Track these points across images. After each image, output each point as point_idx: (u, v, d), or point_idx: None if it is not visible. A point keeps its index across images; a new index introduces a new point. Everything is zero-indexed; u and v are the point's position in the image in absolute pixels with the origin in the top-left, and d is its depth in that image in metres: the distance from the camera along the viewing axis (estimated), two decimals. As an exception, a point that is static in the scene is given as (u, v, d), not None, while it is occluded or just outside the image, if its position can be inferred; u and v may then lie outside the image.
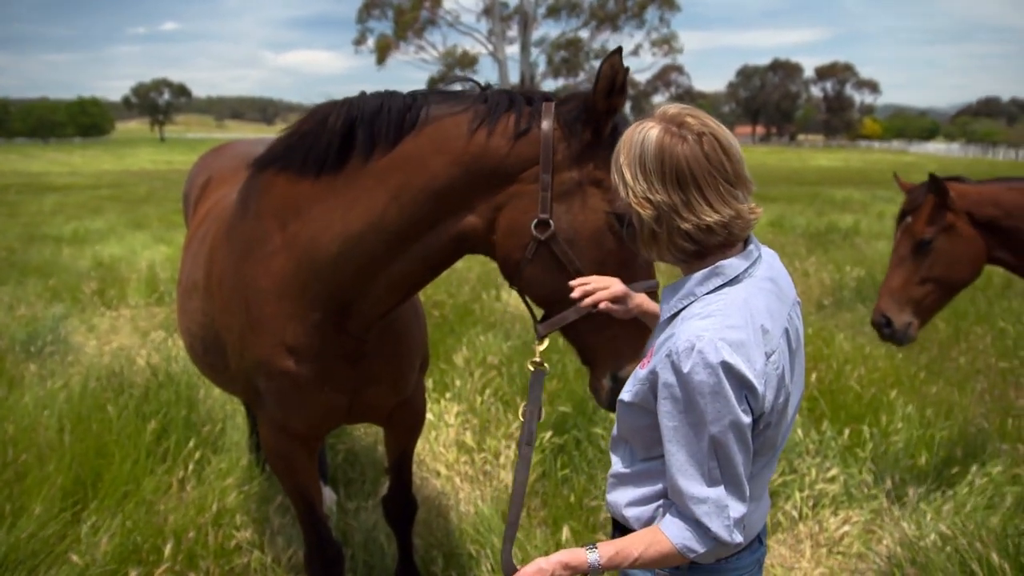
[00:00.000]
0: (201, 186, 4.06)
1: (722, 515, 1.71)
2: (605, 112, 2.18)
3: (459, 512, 4.32)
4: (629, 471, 1.93)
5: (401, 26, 46.58)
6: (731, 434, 1.68)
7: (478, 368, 6.27)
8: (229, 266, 2.77)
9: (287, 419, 2.82)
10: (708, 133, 1.74)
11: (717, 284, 1.79)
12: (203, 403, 5.37)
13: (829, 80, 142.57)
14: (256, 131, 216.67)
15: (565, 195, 2.23)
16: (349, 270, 2.48)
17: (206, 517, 3.95)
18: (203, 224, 3.45)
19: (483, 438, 5.17)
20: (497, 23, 45.79)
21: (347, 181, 2.45)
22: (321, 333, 2.62)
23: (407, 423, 3.28)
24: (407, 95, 2.42)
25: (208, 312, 3.00)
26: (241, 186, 2.93)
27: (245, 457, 4.81)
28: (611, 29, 49.82)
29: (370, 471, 4.77)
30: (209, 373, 3.36)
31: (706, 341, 1.66)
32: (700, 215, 1.73)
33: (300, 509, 3.07)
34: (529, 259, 2.25)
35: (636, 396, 1.84)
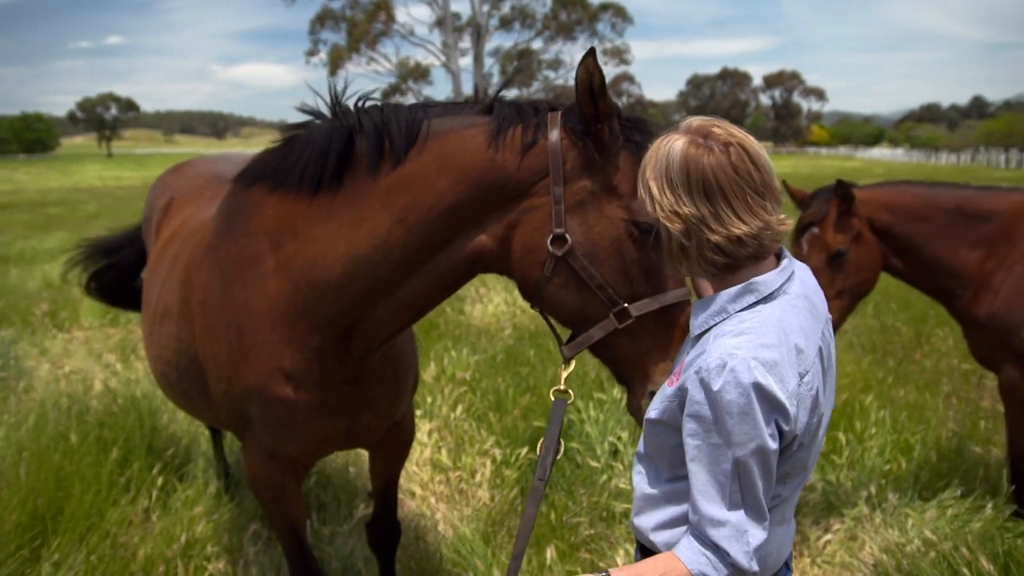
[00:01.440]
0: (163, 208, 3.90)
1: (741, 540, 1.64)
2: (595, 117, 2.09)
3: (437, 534, 4.21)
4: (655, 492, 1.88)
5: (354, 37, 46.27)
6: (755, 459, 1.62)
7: (448, 384, 6.18)
8: (214, 288, 2.63)
9: (282, 447, 2.69)
10: (735, 143, 1.69)
11: (751, 301, 1.74)
12: (166, 429, 5.19)
13: (777, 88, 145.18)
14: (207, 145, 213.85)
15: (579, 206, 2.13)
16: (353, 293, 2.37)
17: (175, 549, 3.80)
18: (170, 246, 3.30)
19: (458, 456, 5.07)
20: (450, 34, 45.71)
21: (348, 200, 2.33)
22: (321, 358, 2.51)
23: (397, 446, 3.18)
24: (408, 108, 2.32)
25: (184, 338, 2.86)
26: (222, 204, 2.79)
27: (212, 484, 4.65)
28: (564, 40, 50.07)
29: (343, 494, 4.64)
30: (182, 401, 3.21)
31: (739, 360, 1.61)
32: (729, 227, 1.68)
33: (288, 540, 2.94)
34: (548, 277, 2.14)
35: (663, 414, 1.79)
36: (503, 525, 4.27)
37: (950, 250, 3.94)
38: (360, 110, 2.37)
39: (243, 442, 2.81)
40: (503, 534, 4.17)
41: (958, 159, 69.16)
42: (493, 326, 8.49)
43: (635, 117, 2.20)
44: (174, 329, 2.94)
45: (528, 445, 5.03)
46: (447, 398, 5.85)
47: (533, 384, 6.25)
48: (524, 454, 4.90)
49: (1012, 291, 3.78)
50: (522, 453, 4.91)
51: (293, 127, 2.49)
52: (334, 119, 2.39)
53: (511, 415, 5.60)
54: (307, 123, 2.47)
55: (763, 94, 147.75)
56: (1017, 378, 3.82)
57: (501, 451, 5.01)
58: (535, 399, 5.83)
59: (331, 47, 47.88)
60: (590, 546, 3.99)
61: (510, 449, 5.01)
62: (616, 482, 4.56)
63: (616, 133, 2.13)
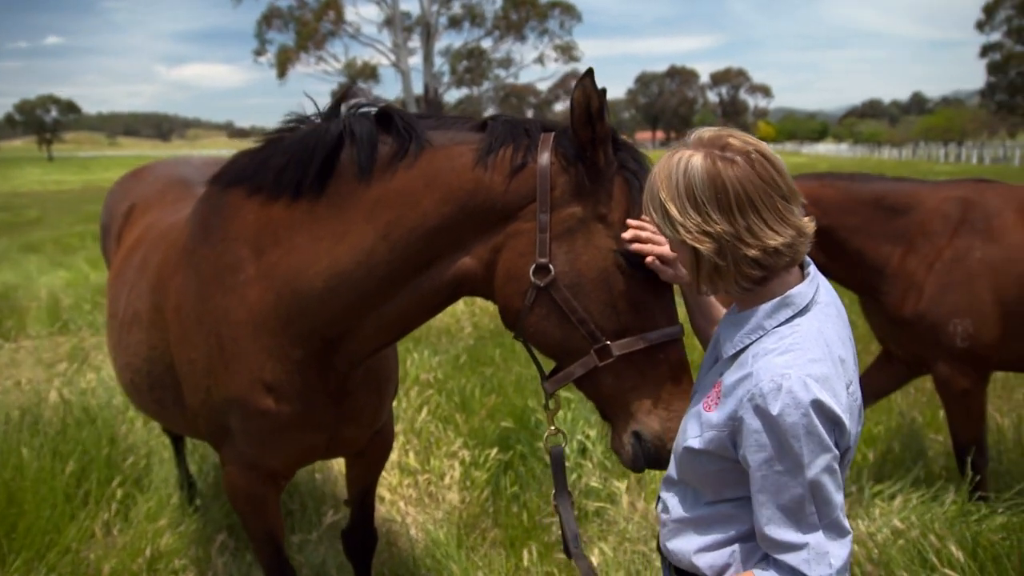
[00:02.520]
0: (124, 214, 3.77)
1: (823, 563, 1.56)
2: (591, 142, 2.01)
3: (409, 539, 4.16)
4: (693, 515, 1.82)
5: (303, 37, 45.73)
6: (827, 475, 1.56)
7: (413, 387, 6.12)
8: (190, 294, 2.54)
9: (262, 458, 2.61)
10: (754, 150, 1.63)
11: (788, 315, 1.68)
12: (125, 439, 5.04)
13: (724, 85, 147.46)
14: (152, 148, 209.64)
15: (567, 234, 2.04)
16: (336, 307, 2.30)
17: (140, 563, 3.69)
18: (136, 252, 3.19)
19: (426, 458, 5.02)
20: (399, 34, 45.42)
21: (331, 210, 2.26)
22: (303, 371, 2.43)
23: (377, 454, 3.12)
24: (399, 118, 2.24)
25: (157, 345, 2.77)
26: (197, 206, 2.70)
27: (176, 495, 4.53)
28: (514, 38, 50.11)
29: (311, 501, 4.55)
30: (153, 410, 3.10)
31: (794, 379, 1.55)
32: (764, 239, 1.62)
33: (267, 551, 2.86)
34: (529, 308, 2.06)
35: (709, 444, 1.70)
36: (475, 527, 4.23)
37: (872, 245, 3.97)
38: (351, 116, 2.29)
39: (221, 452, 2.73)
40: (475, 536, 4.14)
41: (900, 153, 71.07)
42: (453, 326, 8.44)
43: (629, 143, 2.13)
44: (145, 336, 2.84)
45: (497, 446, 5.00)
46: (412, 401, 5.79)
47: (498, 384, 6.22)
48: (493, 455, 4.87)
49: (936, 289, 3.85)
50: (491, 454, 4.87)
51: (276, 130, 2.41)
52: (320, 124, 2.32)
53: (478, 416, 5.57)
54: (290, 127, 2.39)
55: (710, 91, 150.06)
56: (950, 373, 3.91)
57: (469, 452, 4.97)
58: (501, 399, 5.80)
59: (279, 47, 47.30)
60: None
61: (478, 450, 4.97)
62: (586, 480, 4.55)
63: (611, 159, 2.05)
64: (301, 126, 2.37)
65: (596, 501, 4.35)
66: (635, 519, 4.19)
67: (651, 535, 4.03)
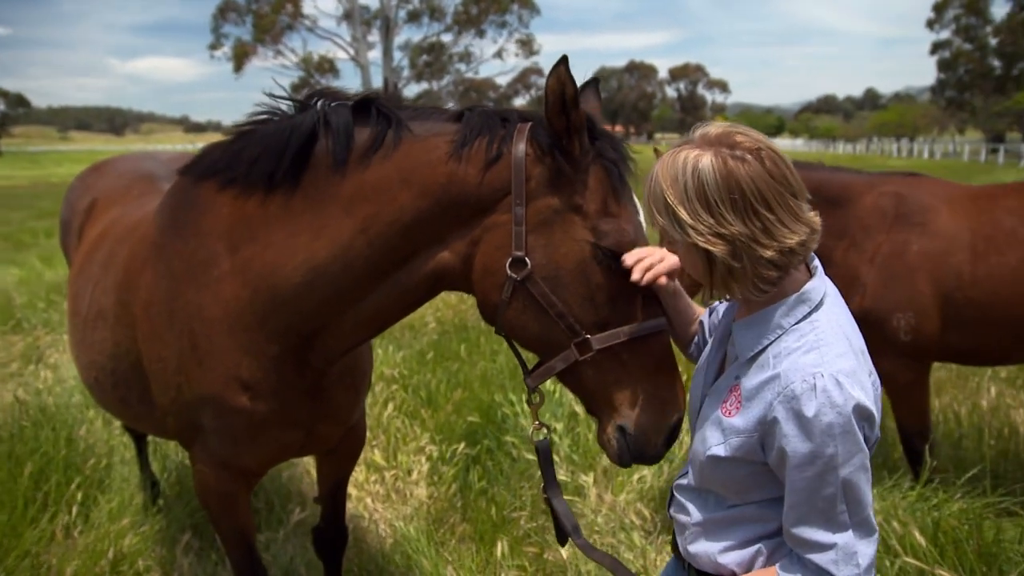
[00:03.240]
0: (85, 210, 3.68)
1: (851, 563, 1.55)
2: (565, 131, 1.97)
3: (378, 535, 4.14)
4: (716, 516, 1.79)
5: (260, 30, 45.13)
6: (861, 474, 1.54)
7: (378, 382, 6.08)
8: (160, 290, 2.48)
9: (237, 456, 2.57)
10: (763, 147, 1.59)
11: (805, 312, 1.65)
12: (84, 440, 4.94)
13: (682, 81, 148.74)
14: (105, 142, 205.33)
15: (543, 226, 2.00)
16: (314, 303, 2.27)
17: (103, 565, 3.61)
18: (99, 247, 3.12)
19: (392, 454, 4.99)
20: (358, 27, 45.06)
21: (308, 204, 2.22)
22: (279, 368, 2.39)
23: (349, 450, 3.09)
24: (376, 107, 2.20)
25: (123, 342, 2.70)
26: (166, 200, 2.64)
27: (138, 495, 4.45)
28: (474, 33, 49.98)
29: (277, 499, 4.51)
30: (118, 408, 3.04)
31: (827, 378, 1.52)
32: (781, 239, 1.58)
33: (238, 551, 2.82)
34: (507, 301, 2.02)
35: (737, 450, 1.66)
36: (444, 522, 4.22)
37: None
38: (327, 107, 2.25)
39: (191, 451, 2.68)
40: (444, 531, 4.13)
41: (854, 148, 72.42)
42: (416, 321, 8.40)
43: (607, 132, 2.08)
44: (110, 334, 2.78)
45: (464, 441, 4.99)
46: (377, 397, 5.76)
47: (464, 379, 6.21)
48: (460, 450, 4.86)
49: (878, 284, 3.95)
50: (458, 449, 4.87)
51: (248, 122, 2.36)
52: (295, 115, 2.28)
53: (444, 411, 5.56)
54: (262, 119, 2.34)
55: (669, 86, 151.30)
56: (894, 367, 3.99)
57: (436, 448, 4.96)
58: (467, 394, 5.79)
59: (235, 41, 46.66)
60: (532, 539, 3.98)
61: (445, 445, 4.96)
62: (554, 474, 4.55)
63: (586, 148, 2.01)
64: (273, 118, 2.33)
65: (563, 494, 4.35)
66: (603, 511, 4.21)
67: (619, 527, 4.06)
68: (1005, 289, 3.83)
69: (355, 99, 2.24)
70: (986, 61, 71.24)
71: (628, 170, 2.07)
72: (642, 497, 4.34)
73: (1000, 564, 3.29)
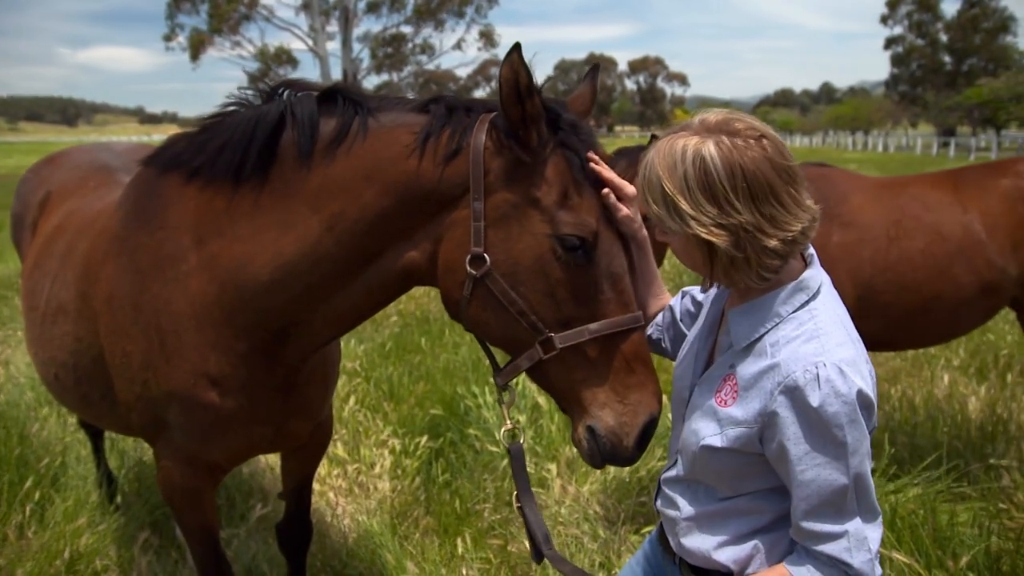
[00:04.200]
0: (39, 204, 3.58)
1: (862, 548, 1.53)
2: (521, 121, 1.89)
3: (341, 529, 4.11)
4: (708, 511, 1.75)
5: (216, 20, 44.38)
6: (867, 461, 1.52)
7: (339, 376, 6.03)
8: (124, 284, 2.42)
9: (205, 452, 2.52)
10: (763, 134, 1.56)
11: (803, 300, 1.62)
12: (37, 436, 4.84)
13: (641, 73, 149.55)
14: (58, 133, 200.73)
15: (502, 220, 1.94)
16: (283, 300, 2.22)
17: (58, 565, 3.54)
18: (57, 241, 3.04)
19: (355, 448, 4.96)
20: (317, 18, 44.52)
21: (275, 199, 2.17)
22: (249, 364, 2.35)
23: (316, 446, 3.06)
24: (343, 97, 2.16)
25: (84, 337, 2.64)
26: (129, 191, 2.57)
27: (95, 493, 4.37)
28: (434, 25, 49.71)
29: (238, 495, 4.45)
30: (79, 405, 2.97)
31: (830, 368, 1.50)
32: (785, 227, 1.55)
33: (203, 548, 2.77)
34: (468, 299, 1.98)
35: (735, 441, 1.63)
36: (407, 516, 4.21)
37: None
38: (293, 97, 2.20)
39: (156, 446, 2.62)
40: (408, 524, 4.12)
41: (811, 141, 73.48)
42: (379, 314, 8.35)
43: (574, 120, 2.00)
44: (71, 328, 2.71)
45: (427, 434, 4.98)
46: (339, 390, 5.72)
47: (426, 371, 6.20)
48: (423, 443, 4.85)
49: None
50: (421, 442, 4.85)
51: (215, 114, 2.31)
52: (260, 106, 2.23)
53: (407, 404, 5.54)
54: (229, 110, 2.29)
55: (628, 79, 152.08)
56: None
57: (399, 441, 4.94)
58: (430, 387, 5.77)
59: (191, 31, 45.83)
60: (496, 531, 3.98)
61: (408, 438, 4.94)
62: (517, 466, 4.56)
63: (545, 138, 1.94)
64: (240, 109, 2.28)
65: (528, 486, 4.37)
66: (567, 502, 4.23)
67: (583, 518, 4.08)
68: (916, 273, 3.99)
69: (322, 89, 2.20)
70: (937, 57, 72.80)
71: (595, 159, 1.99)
72: (605, 488, 4.36)
73: (954, 547, 3.36)
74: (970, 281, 3.99)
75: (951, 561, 3.23)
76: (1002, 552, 3.29)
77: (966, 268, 3.99)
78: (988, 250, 4.00)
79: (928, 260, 3.99)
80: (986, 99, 56.82)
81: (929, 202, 4.13)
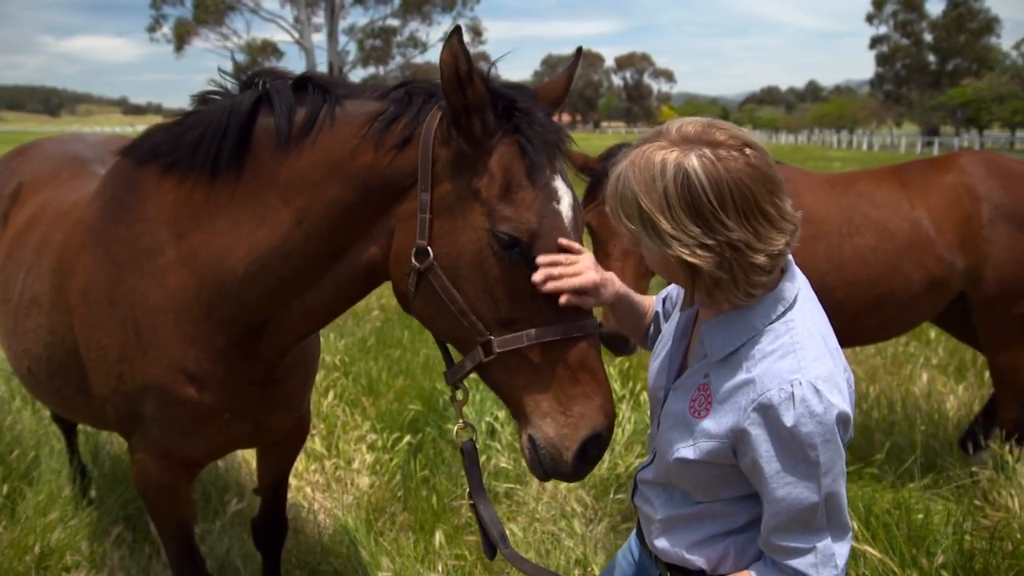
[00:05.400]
0: (11, 195, 3.51)
1: (829, 564, 1.51)
2: (464, 108, 1.81)
3: (317, 524, 4.08)
4: (683, 513, 1.73)
5: (201, 11, 44.05)
6: (840, 479, 1.50)
7: (319, 370, 5.99)
8: (100, 276, 2.38)
9: (182, 447, 2.49)
10: (746, 142, 1.47)
11: (780, 311, 1.56)
12: (10, 430, 4.78)
13: (628, 70, 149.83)
14: (40, 123, 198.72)
15: (447, 212, 1.86)
16: (257, 294, 2.20)
17: (28, 561, 3.49)
18: (30, 232, 2.99)
19: (333, 443, 4.93)
20: (302, 10, 44.27)
21: (250, 189, 2.14)
22: (227, 359, 2.32)
23: (294, 441, 3.03)
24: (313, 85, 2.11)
25: (58, 330, 2.60)
26: (106, 182, 2.54)
27: (67, 487, 4.32)
28: (420, 18, 49.52)
29: (213, 490, 4.41)
30: (53, 399, 2.93)
31: (805, 387, 1.45)
32: (771, 241, 1.48)
33: (177, 543, 2.73)
34: (413, 292, 1.92)
35: (707, 455, 1.59)
36: (384, 512, 4.18)
37: None
38: (268, 85, 2.16)
39: (130, 440, 2.59)
40: (384, 520, 4.09)
41: (796, 139, 73.87)
42: (361, 308, 8.32)
43: (529, 107, 1.89)
44: (45, 321, 2.66)
45: (406, 429, 4.95)
46: (318, 385, 5.68)
47: (406, 367, 6.17)
48: (402, 439, 4.82)
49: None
50: (401, 438, 4.83)
51: (196, 103, 2.27)
52: (236, 95, 2.19)
53: (385, 399, 5.51)
54: (209, 99, 2.25)
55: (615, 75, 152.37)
56: None
57: (378, 436, 4.91)
58: (409, 382, 5.75)
59: (176, 21, 45.49)
60: (472, 528, 3.96)
61: (387, 434, 4.91)
62: (496, 461, 4.56)
63: (490, 127, 1.84)
64: (217, 99, 2.24)
65: (506, 482, 4.36)
66: (544, 499, 4.22)
67: (560, 515, 4.07)
68: (867, 269, 4.01)
69: (296, 78, 2.17)
70: (922, 56, 73.26)
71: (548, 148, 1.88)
72: (583, 484, 4.35)
73: (928, 545, 3.37)
74: (920, 277, 4.02)
75: (925, 559, 3.24)
76: (975, 550, 3.30)
77: (916, 264, 4.02)
78: (937, 246, 4.03)
79: (879, 256, 4.02)
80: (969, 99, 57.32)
81: (877, 199, 4.16)
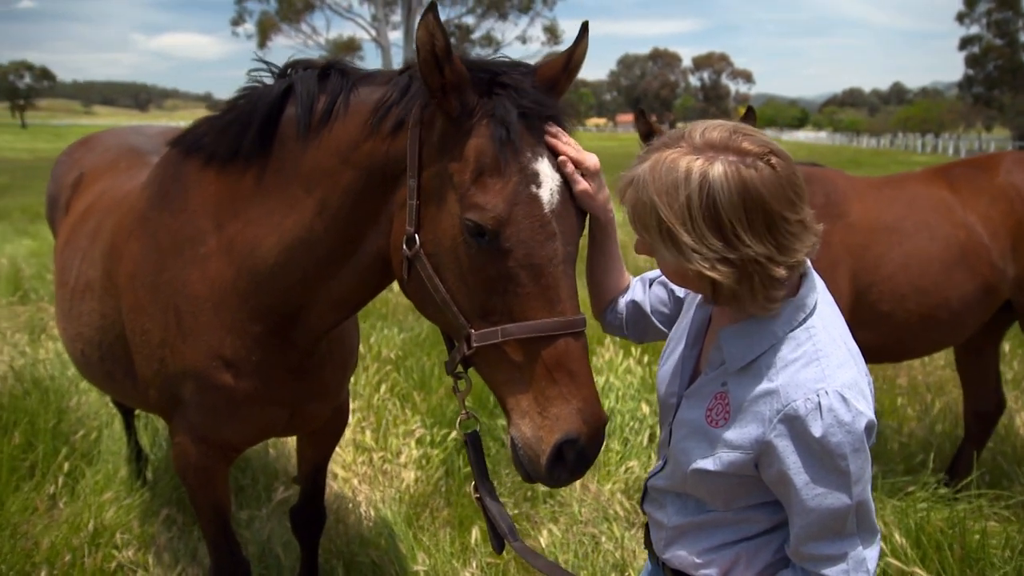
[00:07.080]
0: (72, 184, 3.66)
1: (860, 570, 1.49)
2: (441, 90, 1.75)
3: (359, 516, 4.13)
4: (696, 520, 1.70)
5: (284, 6, 45.11)
6: (868, 485, 1.48)
7: (373, 363, 6.06)
8: (146, 263, 2.46)
9: (217, 432, 2.55)
10: (772, 150, 1.42)
11: (801, 318, 1.52)
12: (75, 411, 4.96)
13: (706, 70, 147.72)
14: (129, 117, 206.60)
15: (431, 199, 1.82)
16: (288, 283, 2.24)
17: (82, 537, 3.62)
18: (87, 220, 3.10)
19: (381, 436, 4.98)
20: (380, 8, 44.92)
21: (279, 178, 2.17)
22: (263, 346, 2.37)
23: (332, 430, 3.07)
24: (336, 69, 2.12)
25: (109, 314, 2.69)
26: (156, 172, 2.61)
27: (124, 468, 4.47)
28: (497, 16, 49.71)
29: (263, 477, 4.50)
30: (104, 382, 3.03)
31: (832, 396, 1.41)
32: (793, 254, 1.43)
33: (213, 526, 2.80)
34: (407, 280, 1.90)
35: (728, 466, 1.54)
36: (426, 507, 4.20)
37: None
38: (295, 75, 2.17)
39: (171, 423, 2.66)
40: (426, 515, 4.11)
41: (878, 143, 71.65)
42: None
43: (513, 83, 1.79)
44: (97, 305, 2.76)
45: (454, 425, 4.96)
46: (371, 378, 5.74)
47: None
48: (451, 435, 4.83)
49: None
50: (450, 434, 4.84)
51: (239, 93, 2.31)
52: (267, 85, 2.23)
53: (436, 394, 5.53)
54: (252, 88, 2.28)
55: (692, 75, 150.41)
56: None
57: (427, 431, 4.94)
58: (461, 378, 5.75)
59: (260, 16, 46.69)
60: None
61: (436, 429, 4.94)
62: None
63: (469, 108, 1.77)
64: (257, 89, 2.27)
65: (549, 482, 4.33)
66: (588, 501, 4.18)
67: (601, 518, 4.03)
68: (920, 279, 3.83)
69: (322, 66, 2.18)
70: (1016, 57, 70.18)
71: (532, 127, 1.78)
72: (627, 488, 4.30)
73: (983, 568, 3.23)
74: (976, 286, 3.84)
75: (978, 582, 3.11)
76: (1034, 575, 3.14)
77: (971, 272, 3.83)
78: (992, 253, 3.85)
79: (933, 266, 3.84)
80: (1065, 103, 54.72)
81: (927, 204, 3.97)
